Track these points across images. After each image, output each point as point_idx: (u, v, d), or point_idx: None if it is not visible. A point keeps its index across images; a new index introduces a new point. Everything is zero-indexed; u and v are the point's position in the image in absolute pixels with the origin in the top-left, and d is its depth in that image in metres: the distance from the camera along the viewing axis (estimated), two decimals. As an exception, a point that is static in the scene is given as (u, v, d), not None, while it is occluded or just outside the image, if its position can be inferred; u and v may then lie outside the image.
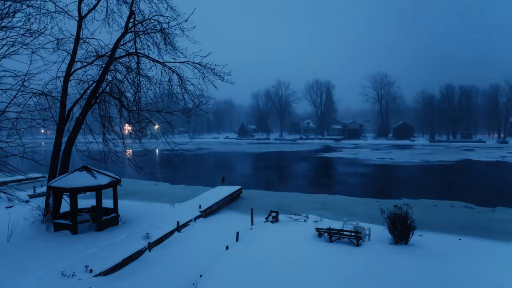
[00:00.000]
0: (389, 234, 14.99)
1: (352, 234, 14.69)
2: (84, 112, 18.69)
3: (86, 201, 22.00)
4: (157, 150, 77.25)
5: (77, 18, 18.36)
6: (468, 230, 18.48)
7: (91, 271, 12.28)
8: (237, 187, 29.14)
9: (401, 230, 14.63)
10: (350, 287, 10.83)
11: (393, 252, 13.76)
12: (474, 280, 11.16)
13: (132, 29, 19.14)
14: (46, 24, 16.28)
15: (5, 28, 13.35)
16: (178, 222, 18.44)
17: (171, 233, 17.57)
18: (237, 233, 15.97)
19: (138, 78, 19.08)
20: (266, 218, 18.92)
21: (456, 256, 13.31)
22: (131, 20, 19.09)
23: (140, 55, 18.94)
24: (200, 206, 22.12)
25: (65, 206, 18.27)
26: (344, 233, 14.93)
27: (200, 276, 11.83)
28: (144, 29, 19.21)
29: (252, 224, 18.67)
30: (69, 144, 18.42)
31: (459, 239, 16.11)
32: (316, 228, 16.02)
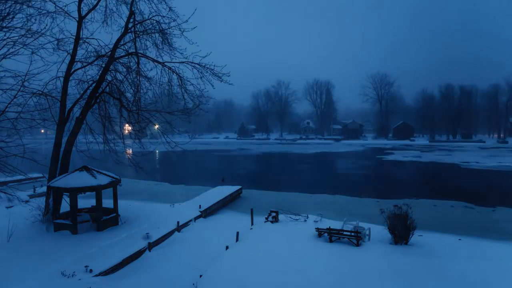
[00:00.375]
0: (389, 234, 15.00)
1: (352, 234, 14.69)
2: (84, 112, 18.70)
3: (86, 201, 22.00)
4: (156, 151, 77.19)
5: (77, 18, 18.38)
6: (468, 230, 18.46)
7: (91, 271, 12.28)
8: (237, 187, 29.15)
9: (401, 230, 14.62)
10: (350, 287, 10.84)
11: (393, 252, 13.77)
12: (474, 280, 11.16)
13: (132, 29, 19.17)
14: (47, 25, 16.31)
15: (6, 29, 13.36)
16: (178, 222, 18.44)
17: (171, 233, 17.57)
18: (237, 233, 15.98)
19: (138, 78, 19.11)
20: (266, 218, 18.93)
21: (456, 256, 13.32)
22: (131, 20, 19.11)
23: (140, 55, 18.96)
24: (200, 206, 22.13)
25: (65, 206, 18.27)
26: (344, 233, 14.93)
27: (200, 276, 11.83)
28: (144, 29, 19.24)
29: (252, 224, 18.67)
30: (69, 144, 18.43)
31: (459, 239, 16.11)
32: (316, 228, 16.03)
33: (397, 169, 51.51)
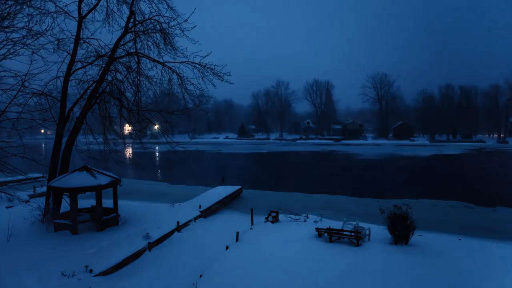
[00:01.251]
0: (389, 234, 14.99)
1: (352, 234, 14.69)
2: (84, 112, 18.69)
3: (86, 201, 22.00)
4: (156, 151, 77.07)
5: (77, 18, 18.37)
6: (468, 230, 18.47)
7: (91, 271, 12.29)
8: (237, 187, 29.15)
9: (401, 230, 14.62)
10: (350, 287, 10.84)
11: (393, 252, 13.75)
12: (474, 280, 11.16)
13: (132, 29, 19.15)
14: (48, 26, 16.30)
15: (6, 29, 13.36)
16: (178, 222, 18.44)
17: (171, 233, 17.57)
18: (237, 233, 15.99)
19: (138, 78, 19.11)
20: (266, 218, 18.94)
21: (456, 256, 13.31)
22: (131, 20, 19.10)
23: (140, 55, 18.96)
24: (200, 206, 22.13)
25: (65, 206, 18.27)
26: (344, 233, 14.93)
27: (200, 276, 11.84)
28: (144, 29, 19.24)
29: (252, 224, 18.67)
30: (69, 144, 18.43)
31: (459, 239, 16.11)
32: (316, 228, 16.02)
33: None
